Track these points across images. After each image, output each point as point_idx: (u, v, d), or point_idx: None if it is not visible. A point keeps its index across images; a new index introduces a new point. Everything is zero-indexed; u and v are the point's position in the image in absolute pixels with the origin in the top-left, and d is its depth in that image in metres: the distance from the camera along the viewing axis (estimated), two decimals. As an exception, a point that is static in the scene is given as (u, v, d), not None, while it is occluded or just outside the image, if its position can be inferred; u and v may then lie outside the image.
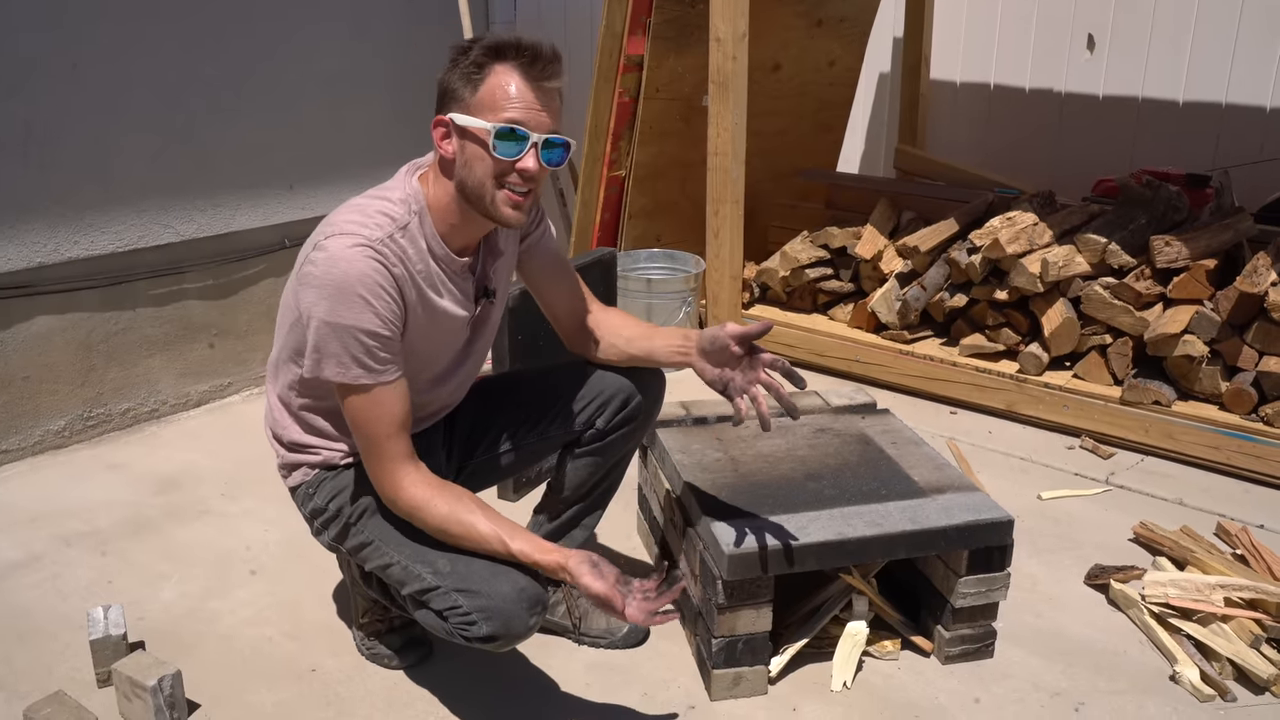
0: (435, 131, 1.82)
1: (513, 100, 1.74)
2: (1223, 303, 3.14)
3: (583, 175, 4.13)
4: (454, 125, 1.78)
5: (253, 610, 2.44)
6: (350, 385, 1.79)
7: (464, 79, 1.76)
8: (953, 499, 2.18)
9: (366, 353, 1.76)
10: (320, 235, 1.80)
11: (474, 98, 1.76)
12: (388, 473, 1.84)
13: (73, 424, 3.32)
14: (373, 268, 1.75)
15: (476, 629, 1.81)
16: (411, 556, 1.88)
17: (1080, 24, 4.45)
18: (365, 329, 1.75)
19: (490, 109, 1.75)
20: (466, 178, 1.80)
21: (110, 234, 3.29)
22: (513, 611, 1.79)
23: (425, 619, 1.90)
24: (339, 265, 1.74)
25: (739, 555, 2.00)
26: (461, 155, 1.79)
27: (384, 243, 1.78)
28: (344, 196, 1.97)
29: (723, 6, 3.55)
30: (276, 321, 2.00)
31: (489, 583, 1.81)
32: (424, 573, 1.86)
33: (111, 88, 3.21)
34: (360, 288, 1.74)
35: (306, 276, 1.78)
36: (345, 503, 1.97)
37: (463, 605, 1.81)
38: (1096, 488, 3.03)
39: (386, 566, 1.93)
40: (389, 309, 1.77)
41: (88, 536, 2.76)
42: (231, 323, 3.71)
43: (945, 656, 2.23)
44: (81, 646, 2.25)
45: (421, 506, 1.83)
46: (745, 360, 1.94)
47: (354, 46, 3.90)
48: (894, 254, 3.86)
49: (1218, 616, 2.28)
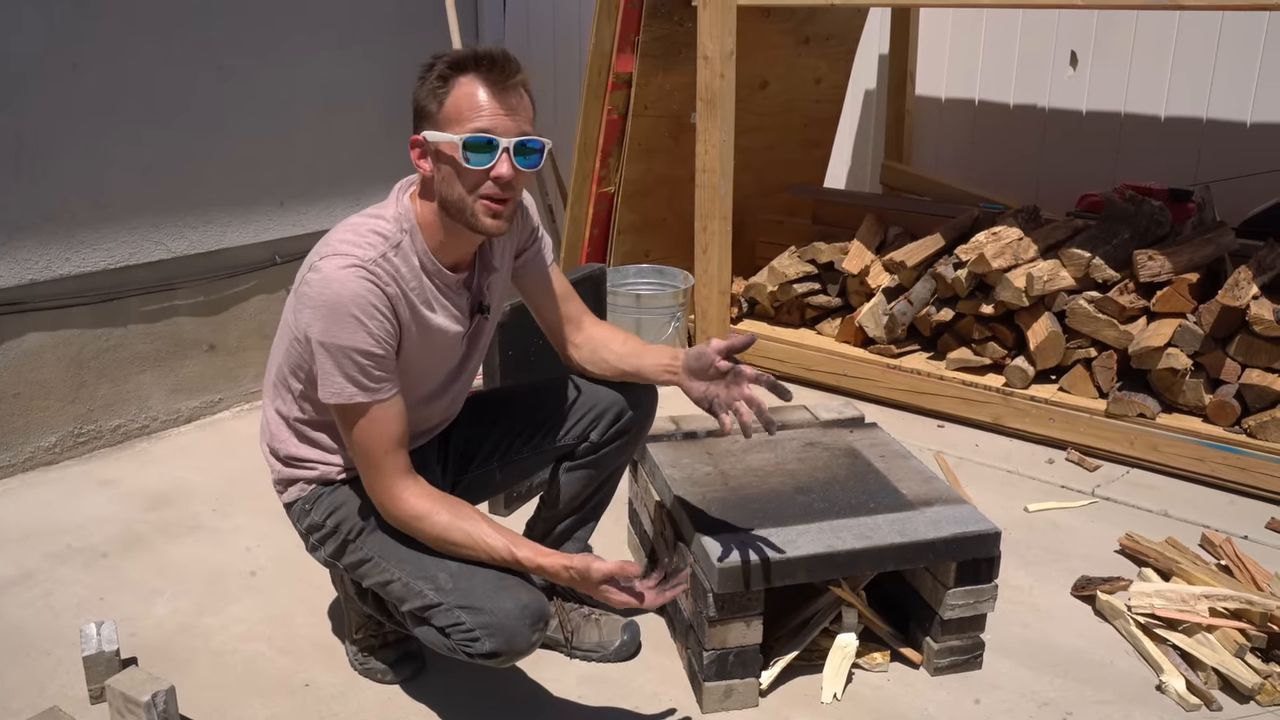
0: (412, 152, 1.84)
1: (479, 109, 1.76)
2: (1205, 316, 3.17)
3: (572, 192, 4.16)
4: (427, 143, 1.81)
5: (245, 626, 2.45)
6: (346, 404, 1.81)
7: (430, 95, 1.79)
8: (941, 512, 2.20)
9: (361, 371, 1.78)
10: (316, 256, 1.83)
11: (441, 113, 1.78)
12: (386, 488, 1.85)
13: (64, 440, 3.32)
14: (365, 288, 1.77)
15: (479, 645, 1.81)
16: (412, 573, 1.89)
17: (1063, 41, 4.50)
18: (359, 348, 1.77)
19: (457, 121, 1.77)
20: (446, 193, 1.82)
21: (102, 251, 3.29)
22: (516, 628, 1.80)
23: (426, 635, 1.91)
24: (332, 286, 1.76)
25: (729, 569, 2.01)
26: (438, 172, 1.82)
27: (376, 262, 1.80)
28: (335, 213, 1.99)
29: (710, 25, 3.58)
30: (275, 336, 2.01)
31: (492, 599, 1.82)
32: (425, 589, 1.87)
33: (102, 101, 3.22)
34: (353, 307, 1.76)
35: (302, 297, 1.81)
36: (343, 519, 1.98)
37: (466, 622, 1.82)
38: (1082, 500, 3.06)
39: (386, 583, 1.93)
40: (382, 328, 1.79)
41: (80, 553, 2.76)
42: (222, 339, 3.71)
43: (934, 668, 2.24)
44: (74, 663, 2.26)
45: (422, 517, 1.84)
46: (730, 376, 1.95)
47: (345, 58, 3.91)
48: (881, 269, 3.88)
49: (1203, 626, 2.30)
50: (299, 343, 1.87)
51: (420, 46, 4.08)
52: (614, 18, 3.91)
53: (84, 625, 2.20)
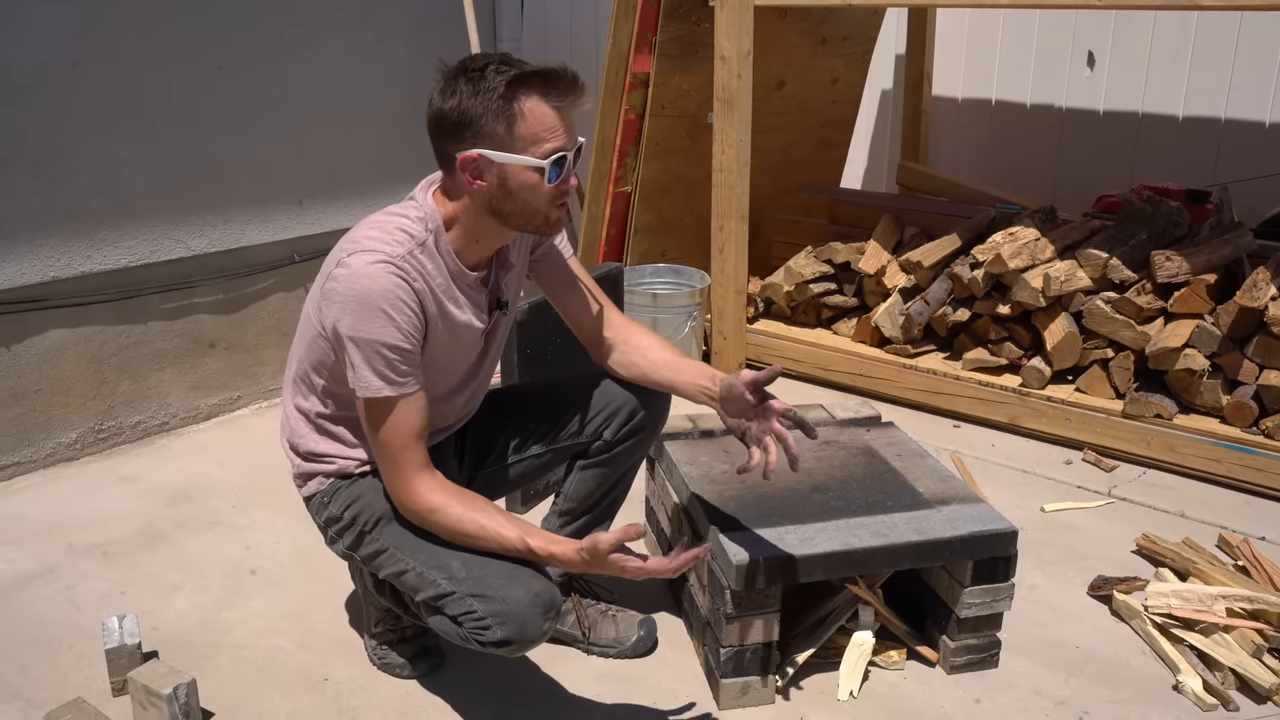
0: (464, 170, 1.82)
1: (554, 131, 1.80)
2: (1223, 317, 3.17)
3: (589, 191, 4.17)
4: (489, 162, 1.81)
5: (265, 620, 2.47)
6: (373, 398, 1.83)
7: (495, 115, 1.77)
8: (957, 510, 2.21)
9: (388, 365, 1.81)
10: (343, 252, 1.85)
11: (512, 134, 1.78)
12: (404, 480, 1.87)
13: (84, 436, 3.35)
14: (394, 283, 1.80)
15: (491, 634, 1.83)
16: (426, 562, 1.91)
17: (1080, 41, 4.49)
18: (388, 342, 1.80)
19: (534, 143, 1.79)
20: (511, 207, 1.84)
21: (122, 249, 3.32)
22: (527, 616, 1.82)
23: (439, 625, 1.93)
24: (361, 281, 1.79)
25: (747, 565, 2.02)
26: (502, 188, 1.83)
27: (405, 259, 1.82)
28: (354, 211, 2.02)
29: (728, 25, 3.59)
30: (296, 333, 2.03)
31: (504, 588, 1.83)
32: (439, 578, 1.89)
33: (123, 100, 3.25)
34: (383, 302, 1.79)
35: (330, 292, 1.83)
36: (359, 511, 2.00)
37: (478, 610, 1.84)
38: (1099, 500, 3.05)
39: (401, 573, 1.96)
40: (410, 323, 1.82)
41: (100, 547, 2.79)
42: (241, 337, 3.74)
43: (950, 666, 2.25)
44: (96, 656, 2.28)
45: (437, 509, 1.86)
46: (760, 409, 1.94)
47: (364, 58, 3.94)
48: (897, 269, 3.89)
49: (1220, 627, 2.30)
50: (323, 338, 1.89)
51: (438, 46, 4.13)
52: (631, 17, 3.93)
53: (106, 619, 2.23)
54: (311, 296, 1.97)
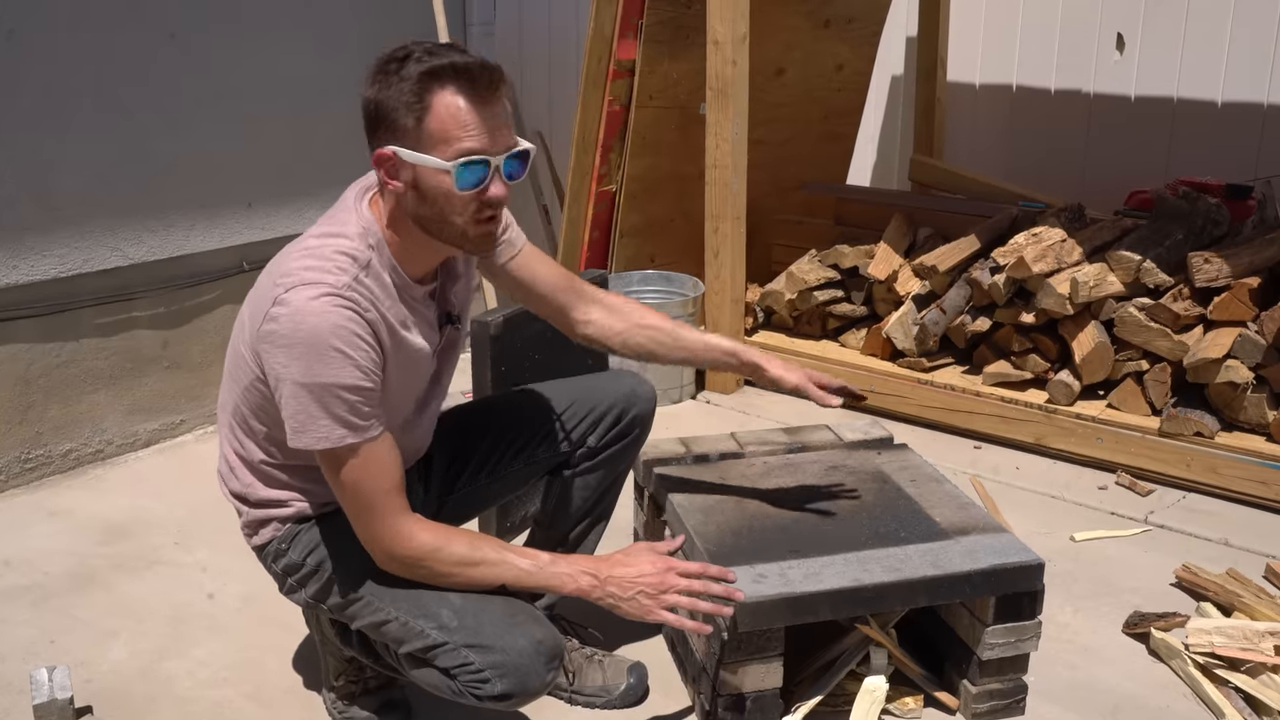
0: (379, 169, 1.81)
1: (465, 127, 1.74)
2: (1268, 324, 3.19)
3: (569, 191, 4.18)
4: (401, 161, 1.78)
5: (211, 670, 2.46)
6: (335, 448, 1.79)
7: (405, 109, 1.75)
8: (978, 541, 2.21)
9: (350, 410, 1.77)
10: (278, 288, 1.77)
11: (420, 130, 1.75)
12: (388, 528, 1.84)
13: (9, 467, 3.33)
14: (346, 316, 1.75)
15: (490, 687, 1.82)
16: (410, 611, 1.89)
17: (1109, 21, 4.52)
18: (346, 384, 1.75)
19: (443, 142, 1.74)
20: (427, 214, 1.80)
21: (52, 258, 3.31)
22: (530, 666, 1.82)
23: (427, 678, 1.92)
24: (308, 320, 1.73)
25: (746, 605, 2.02)
26: (415, 191, 1.79)
27: (351, 287, 1.77)
28: (307, 215, 1.99)
29: (721, 7, 3.61)
30: (225, 370, 1.99)
31: (503, 637, 1.83)
32: (427, 628, 1.87)
33: (54, 97, 3.24)
34: (335, 340, 1.73)
35: (270, 335, 1.76)
36: (325, 556, 1.98)
37: (475, 662, 1.83)
38: (1134, 528, 3.06)
39: (381, 624, 1.93)
40: (368, 358, 1.78)
41: (28, 591, 2.77)
42: (184, 354, 3.73)
43: (972, 714, 2.25)
44: (23, 712, 2.26)
45: (435, 550, 1.85)
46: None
47: (319, 49, 3.92)
48: (910, 274, 3.90)
49: (1268, 667, 2.31)
50: (261, 384, 1.85)
51: (402, 37, 4.11)
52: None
53: (34, 670, 2.22)
54: (240, 334, 1.91)
